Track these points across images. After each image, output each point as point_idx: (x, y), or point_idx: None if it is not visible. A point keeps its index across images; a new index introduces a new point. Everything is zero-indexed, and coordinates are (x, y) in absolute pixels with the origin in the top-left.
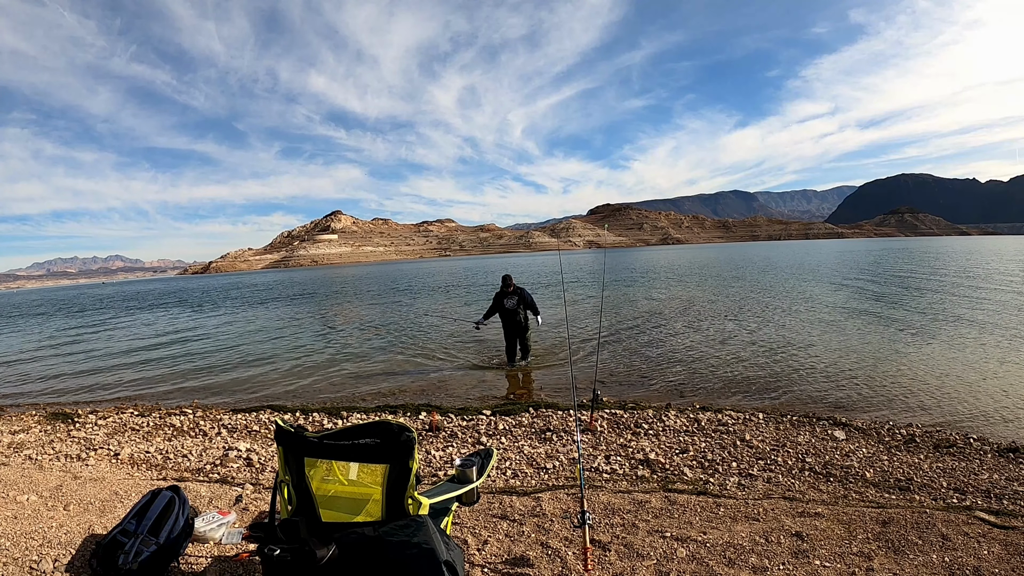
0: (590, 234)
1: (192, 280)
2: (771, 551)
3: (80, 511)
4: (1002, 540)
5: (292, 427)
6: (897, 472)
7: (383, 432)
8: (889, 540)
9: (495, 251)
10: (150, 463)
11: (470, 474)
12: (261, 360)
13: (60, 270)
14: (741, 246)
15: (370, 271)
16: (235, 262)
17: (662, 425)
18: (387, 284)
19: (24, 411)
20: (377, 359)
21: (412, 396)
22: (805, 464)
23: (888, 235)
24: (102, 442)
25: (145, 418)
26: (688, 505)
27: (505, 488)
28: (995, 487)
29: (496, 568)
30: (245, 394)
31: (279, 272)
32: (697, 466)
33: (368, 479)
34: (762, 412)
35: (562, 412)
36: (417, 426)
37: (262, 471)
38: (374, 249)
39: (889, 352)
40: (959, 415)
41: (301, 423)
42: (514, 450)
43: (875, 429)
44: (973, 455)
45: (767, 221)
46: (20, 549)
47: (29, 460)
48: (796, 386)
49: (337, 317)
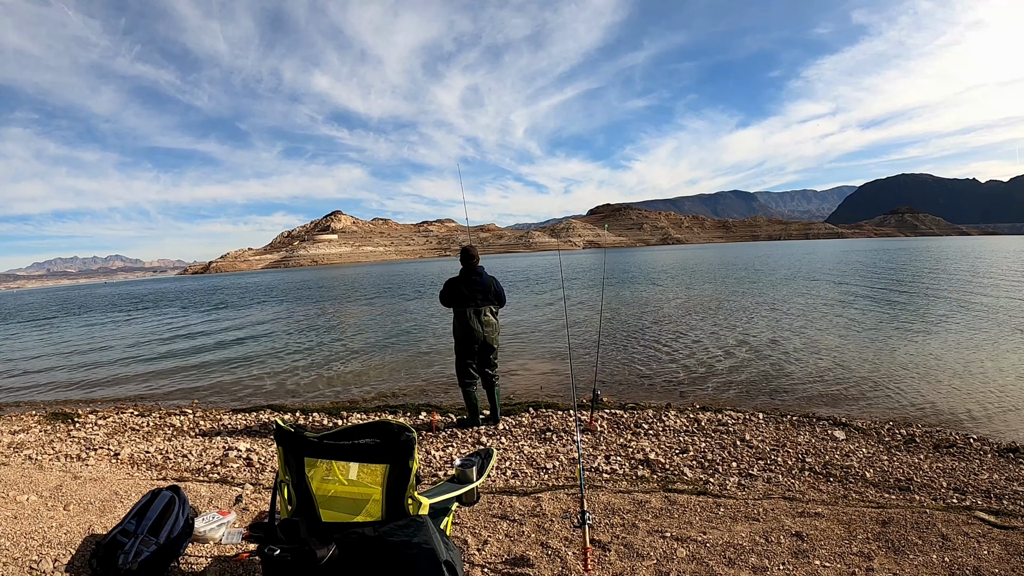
0: (590, 234)
1: (192, 280)
2: (771, 551)
3: (80, 511)
4: (1002, 540)
5: (292, 427)
6: (897, 472)
7: (383, 432)
8: (889, 540)
9: (495, 251)
10: (150, 463)
11: (470, 474)
12: (261, 360)
13: (60, 270)
14: (741, 246)
15: (370, 271)
16: (235, 262)
17: (662, 425)
18: (386, 284)
19: (24, 411)
20: (377, 359)
21: (412, 396)
22: (805, 464)
23: (888, 235)
24: (102, 442)
25: (145, 418)
26: (688, 505)
27: (505, 488)
28: (995, 487)
29: (496, 568)
30: (245, 394)
31: (279, 272)
32: (697, 466)
33: (368, 479)
34: (762, 412)
35: (562, 412)
36: (417, 425)
37: (262, 471)
38: (374, 249)
39: (889, 352)
40: (959, 415)
41: (301, 423)
42: (514, 450)
43: (875, 429)
44: (973, 455)
45: (767, 221)
46: (20, 549)
47: (29, 460)
48: (796, 386)
49: (337, 317)
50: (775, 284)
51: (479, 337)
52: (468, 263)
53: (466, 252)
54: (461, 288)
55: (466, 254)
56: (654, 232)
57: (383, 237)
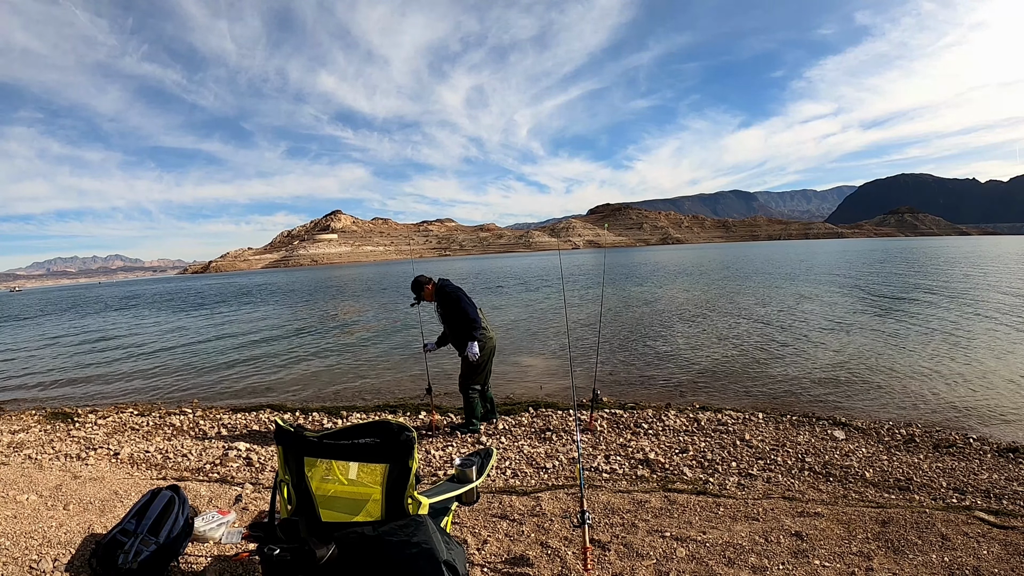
0: (590, 234)
1: (192, 280)
2: (771, 551)
3: (80, 510)
4: (1002, 540)
5: (292, 427)
6: (897, 472)
7: (383, 432)
8: (889, 540)
9: (495, 251)
10: (150, 462)
11: (470, 474)
12: (261, 360)
13: (60, 270)
14: (741, 246)
15: (369, 271)
16: (235, 262)
17: (662, 425)
18: (386, 284)
19: (24, 411)
20: (377, 359)
21: (412, 396)
22: (805, 464)
23: (888, 235)
24: (102, 442)
25: (145, 417)
26: (688, 505)
27: (505, 488)
28: (995, 487)
29: (496, 568)
30: (245, 394)
31: (279, 272)
32: (697, 466)
33: (368, 479)
34: (762, 412)
35: (562, 412)
36: (417, 425)
37: (262, 471)
38: (374, 249)
39: (889, 352)
40: (959, 415)
41: (301, 423)
42: (514, 450)
43: (875, 429)
44: (973, 455)
45: (767, 221)
46: (20, 548)
47: (29, 459)
48: (796, 386)
49: (337, 317)
50: (775, 284)
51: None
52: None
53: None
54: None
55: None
56: (654, 232)
57: (383, 237)
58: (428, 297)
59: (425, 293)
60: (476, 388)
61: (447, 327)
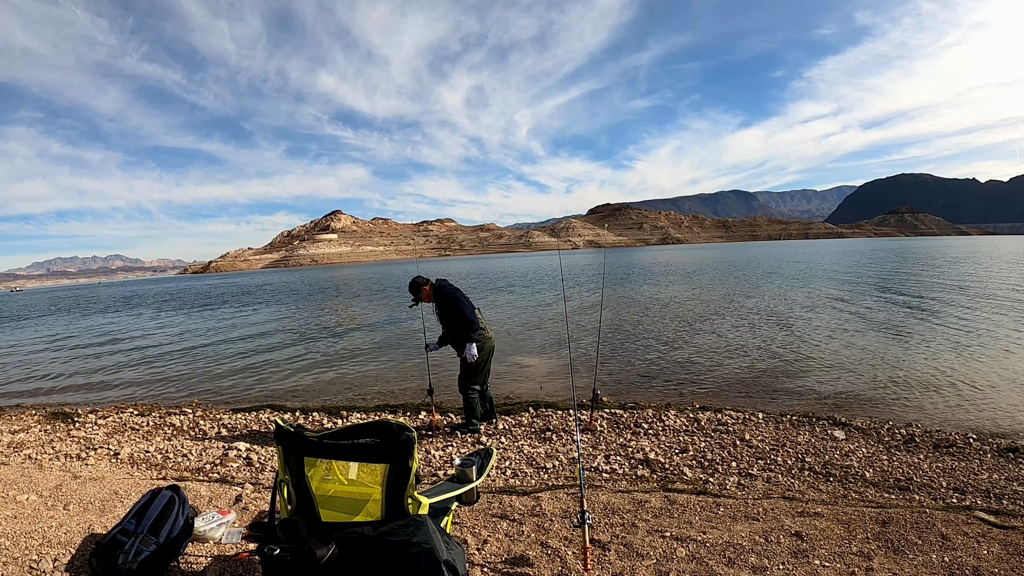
0: (590, 234)
1: (192, 280)
2: (771, 551)
3: (80, 510)
4: (1002, 540)
5: (292, 426)
6: (897, 472)
7: (383, 431)
8: (889, 540)
9: (494, 251)
10: (150, 462)
11: (470, 474)
12: (260, 360)
13: (60, 269)
14: (741, 246)
15: (369, 271)
16: (235, 262)
17: (662, 425)
18: (386, 284)
19: (24, 411)
20: (377, 359)
21: (412, 396)
22: (805, 464)
23: (888, 235)
24: (102, 441)
25: (145, 417)
26: (688, 505)
27: (505, 488)
28: (995, 487)
29: (496, 568)
30: (245, 394)
31: (279, 272)
32: (697, 466)
33: (368, 479)
34: (762, 412)
35: (562, 412)
36: (417, 425)
37: (262, 471)
38: (374, 249)
39: (889, 352)
40: (959, 415)
41: (301, 423)
42: (514, 450)
43: (875, 429)
44: (973, 455)
45: (767, 221)
46: (20, 549)
47: (29, 459)
48: (796, 386)
49: (337, 317)
50: (774, 284)
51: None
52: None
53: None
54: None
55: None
56: (654, 232)
57: (383, 237)
58: (426, 298)
59: (423, 294)
60: (476, 388)
61: (445, 328)
